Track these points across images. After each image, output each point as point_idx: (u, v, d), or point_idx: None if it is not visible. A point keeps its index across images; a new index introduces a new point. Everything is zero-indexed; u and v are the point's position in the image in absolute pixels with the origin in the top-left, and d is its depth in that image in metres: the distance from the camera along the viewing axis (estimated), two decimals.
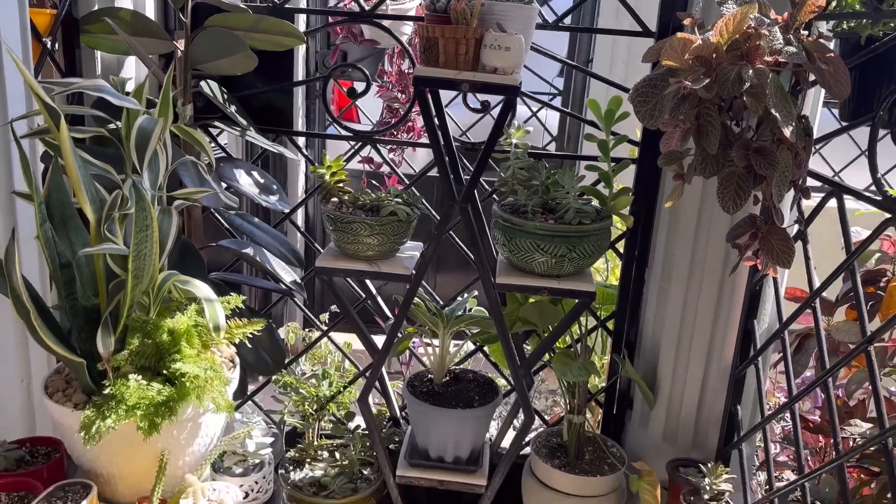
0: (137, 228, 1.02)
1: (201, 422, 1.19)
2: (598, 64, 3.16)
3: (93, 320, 1.12)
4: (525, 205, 1.76)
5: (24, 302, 1.00)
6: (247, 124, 1.78)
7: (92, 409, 1.05)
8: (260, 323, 1.22)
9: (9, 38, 1.20)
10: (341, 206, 1.79)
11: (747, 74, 1.23)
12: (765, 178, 1.35)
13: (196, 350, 1.12)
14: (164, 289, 1.11)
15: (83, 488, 1.16)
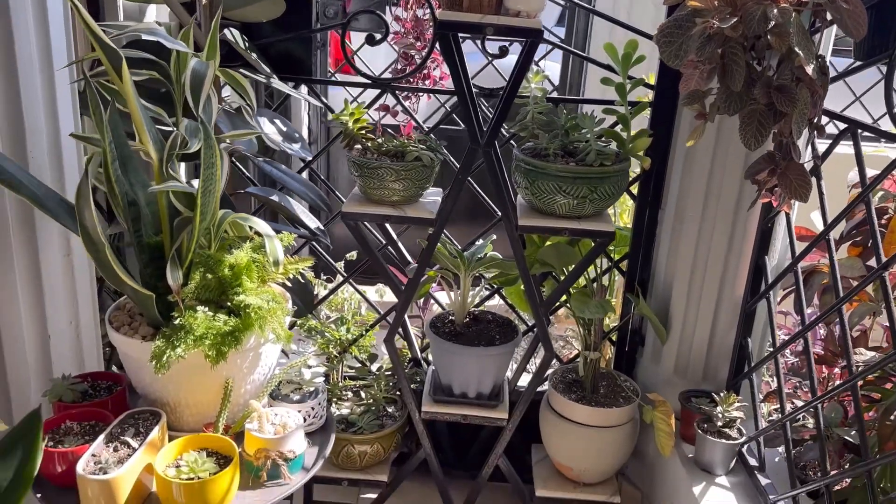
0: (205, 165, 1.06)
1: (262, 351, 1.25)
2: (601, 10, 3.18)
3: (156, 257, 1.17)
4: (546, 148, 1.80)
5: (96, 238, 1.04)
6: (270, 72, 1.80)
7: (162, 340, 1.11)
8: (309, 260, 1.28)
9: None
10: (366, 152, 1.83)
11: (772, 13, 1.28)
12: (785, 115, 1.40)
13: (256, 284, 1.17)
14: (223, 226, 1.16)
15: (152, 416, 1.22)
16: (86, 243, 1.05)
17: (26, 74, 1.20)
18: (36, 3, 1.19)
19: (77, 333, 1.46)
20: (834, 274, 1.49)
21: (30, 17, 1.19)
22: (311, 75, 2.05)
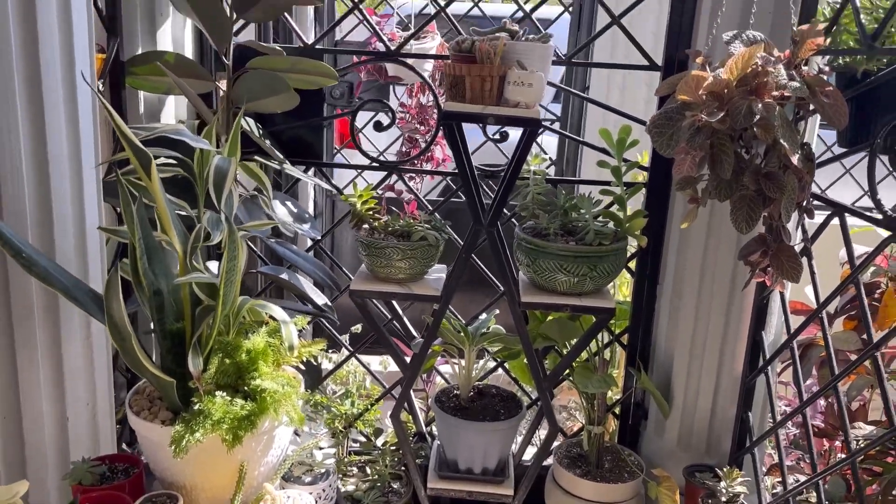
0: (228, 258, 1.12)
1: (276, 434, 1.29)
2: (595, 91, 3.32)
3: (177, 343, 1.22)
4: (547, 228, 1.88)
5: (123, 329, 1.10)
6: (283, 158, 1.89)
7: (181, 425, 1.15)
8: (321, 343, 1.33)
9: (81, 85, 1.31)
10: (373, 232, 1.90)
11: (757, 108, 1.37)
12: (774, 200, 1.48)
13: (271, 367, 1.22)
14: (242, 312, 1.21)
15: (169, 499, 1.25)
16: (112, 334, 1.10)
17: (57, 170, 1.28)
18: (69, 106, 1.28)
19: (93, 414, 1.50)
20: (828, 351, 1.54)
21: (62, 118, 1.27)
22: (320, 159, 2.14)
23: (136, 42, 1.83)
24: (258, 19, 1.79)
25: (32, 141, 1.26)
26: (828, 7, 1.65)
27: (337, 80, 1.83)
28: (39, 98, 1.26)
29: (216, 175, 1.20)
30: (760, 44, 1.45)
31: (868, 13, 1.49)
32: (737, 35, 1.52)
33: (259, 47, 1.82)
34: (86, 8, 1.31)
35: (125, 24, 1.80)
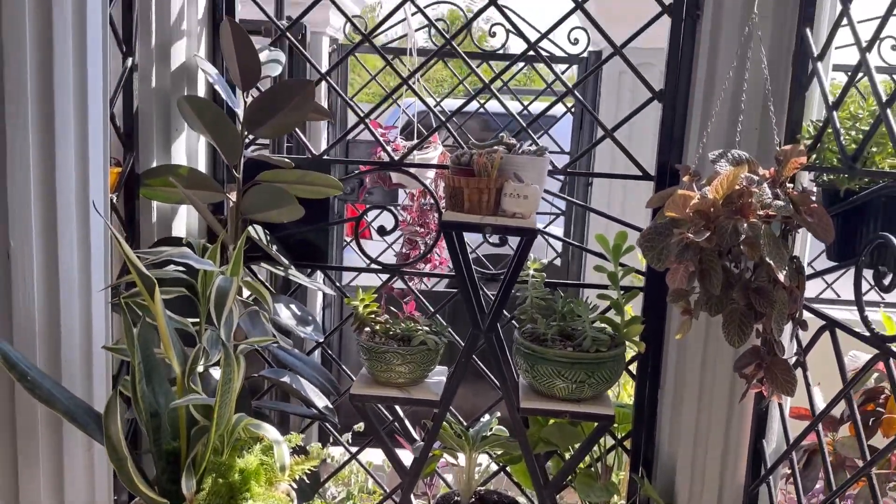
0: (223, 381, 1.16)
1: None
2: (598, 191, 3.41)
3: (172, 462, 1.24)
4: (545, 333, 1.90)
5: (120, 452, 1.12)
6: (288, 263, 1.95)
7: None
8: (314, 461, 1.34)
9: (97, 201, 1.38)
10: (374, 336, 1.93)
11: (742, 228, 1.41)
12: (764, 314, 1.50)
13: (263, 487, 1.23)
14: (237, 431, 1.24)
15: None
16: (110, 455, 1.13)
17: (66, 290, 1.34)
18: (81, 228, 1.35)
19: None
20: (825, 465, 1.52)
21: (74, 240, 1.34)
22: (326, 261, 2.20)
23: (152, 155, 1.93)
24: (269, 136, 1.89)
25: (44, 261, 1.32)
26: (811, 124, 1.72)
27: (341, 190, 1.91)
28: (53, 220, 1.33)
29: (217, 295, 1.25)
30: (745, 164, 1.50)
31: (847, 133, 1.55)
32: (722, 154, 1.58)
33: (269, 160, 1.92)
34: (102, 135, 1.39)
35: (142, 139, 1.90)
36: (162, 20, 1.89)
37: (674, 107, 1.93)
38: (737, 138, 1.70)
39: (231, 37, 1.75)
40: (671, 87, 1.93)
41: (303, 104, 1.79)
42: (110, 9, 1.71)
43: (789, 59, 1.75)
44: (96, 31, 1.36)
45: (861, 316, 1.42)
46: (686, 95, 1.92)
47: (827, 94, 1.60)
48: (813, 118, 1.76)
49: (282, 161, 1.91)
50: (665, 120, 1.96)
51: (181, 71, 1.94)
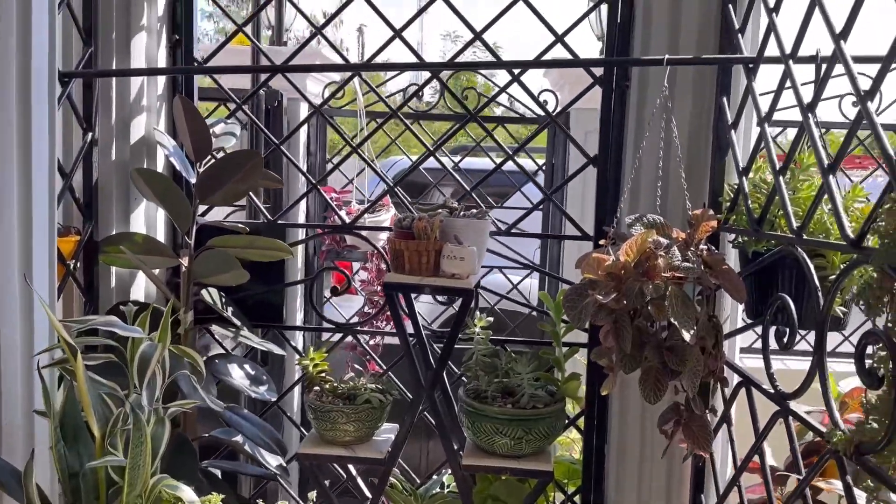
0: (134, 444, 1.22)
1: None
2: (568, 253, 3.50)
3: None
4: (485, 390, 1.96)
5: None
6: (240, 325, 2.03)
7: None
8: None
9: (39, 277, 1.47)
10: (322, 395, 1.99)
11: (648, 289, 1.48)
12: (680, 371, 1.56)
13: None
14: (156, 492, 1.30)
15: None
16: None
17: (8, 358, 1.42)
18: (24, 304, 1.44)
19: None
20: None
21: (17, 312, 1.43)
22: (282, 321, 2.27)
23: (111, 224, 2.03)
24: (220, 203, 1.99)
25: None
26: (731, 188, 1.80)
27: (291, 254, 2.00)
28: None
29: (140, 361, 1.33)
30: (653, 228, 1.58)
31: (756, 198, 1.63)
32: (638, 218, 1.66)
33: (222, 226, 2.01)
34: (47, 210, 1.49)
35: (101, 208, 2.01)
36: (122, 97, 2.01)
37: (606, 170, 2.02)
38: (657, 203, 1.78)
39: (183, 113, 1.87)
40: (604, 151, 2.02)
41: (252, 173, 1.89)
42: (68, 89, 1.84)
43: (710, 127, 1.84)
44: (42, 112, 1.47)
45: (767, 373, 1.47)
46: (618, 160, 2.01)
47: (738, 161, 1.69)
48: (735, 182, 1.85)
49: (235, 227, 2.01)
50: (600, 183, 2.05)
51: (141, 143, 2.06)
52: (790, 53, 1.41)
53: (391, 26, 2.08)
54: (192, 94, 2.11)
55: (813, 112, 1.31)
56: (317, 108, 2.15)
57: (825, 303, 1.24)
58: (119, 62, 2.00)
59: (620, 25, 1.97)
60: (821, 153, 1.25)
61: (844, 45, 1.22)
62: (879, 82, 1.13)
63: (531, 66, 1.95)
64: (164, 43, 2.09)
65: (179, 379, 1.59)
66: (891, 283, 1.09)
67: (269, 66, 2.07)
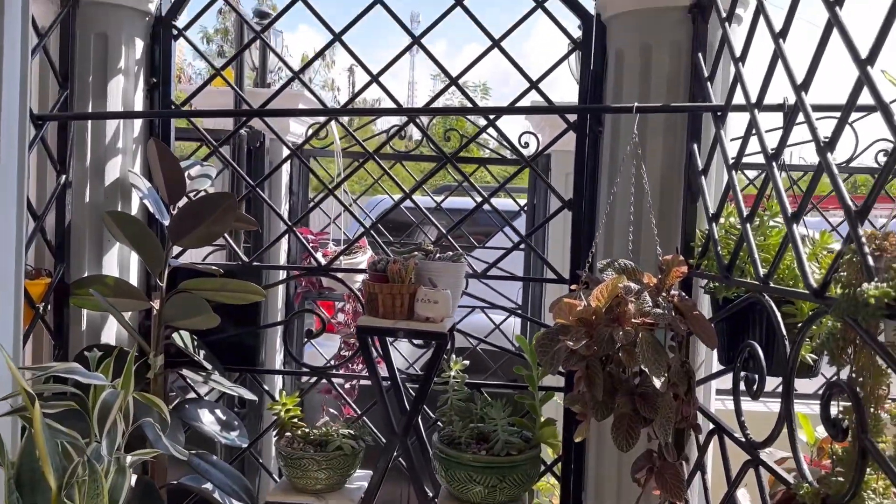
0: (90, 496, 1.19)
1: None
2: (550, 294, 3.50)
3: None
4: (460, 436, 1.93)
5: None
6: (211, 369, 2.00)
7: None
8: None
9: (2, 322, 1.45)
10: (293, 442, 1.96)
11: (618, 335, 1.47)
12: (652, 419, 1.54)
13: None
14: None
15: None
16: None
17: None
18: None
19: None
20: None
21: None
22: (256, 364, 2.25)
23: (84, 266, 2.02)
24: (193, 246, 1.97)
25: None
26: (699, 233, 1.81)
27: (264, 296, 1.98)
28: None
29: (101, 409, 1.30)
30: (623, 275, 1.58)
31: (726, 245, 1.63)
32: (609, 263, 1.66)
33: (194, 268, 2.00)
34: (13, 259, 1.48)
35: (73, 250, 1.99)
36: (97, 139, 2.01)
37: (581, 214, 2.03)
38: (629, 247, 1.79)
39: (157, 155, 1.87)
40: (578, 196, 2.03)
41: (224, 216, 1.88)
42: (42, 132, 1.84)
43: (681, 173, 1.86)
44: (11, 155, 1.46)
45: (739, 421, 1.46)
46: (592, 205, 2.02)
47: (708, 207, 1.70)
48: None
49: (208, 269, 2.00)
50: (575, 227, 2.05)
51: (115, 186, 2.06)
52: (755, 102, 1.43)
53: (368, 71, 2.10)
54: (168, 136, 2.12)
55: (777, 160, 1.32)
56: (293, 150, 2.16)
57: (791, 351, 1.24)
58: (95, 105, 2.00)
59: (593, 73, 2.01)
60: (785, 202, 1.26)
61: (805, 96, 1.24)
62: (838, 134, 1.14)
63: (505, 112, 1.97)
64: (142, 86, 2.10)
65: (144, 426, 1.56)
66: (854, 334, 1.09)
67: (245, 111, 2.08)
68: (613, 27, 1.96)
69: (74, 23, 1.97)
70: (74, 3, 1.96)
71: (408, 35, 2.08)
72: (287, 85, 2.23)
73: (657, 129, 1.86)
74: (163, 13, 2.11)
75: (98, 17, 2.00)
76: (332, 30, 2.06)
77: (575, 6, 2.01)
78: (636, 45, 1.89)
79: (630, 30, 1.91)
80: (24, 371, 1.27)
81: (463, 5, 2.05)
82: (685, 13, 1.82)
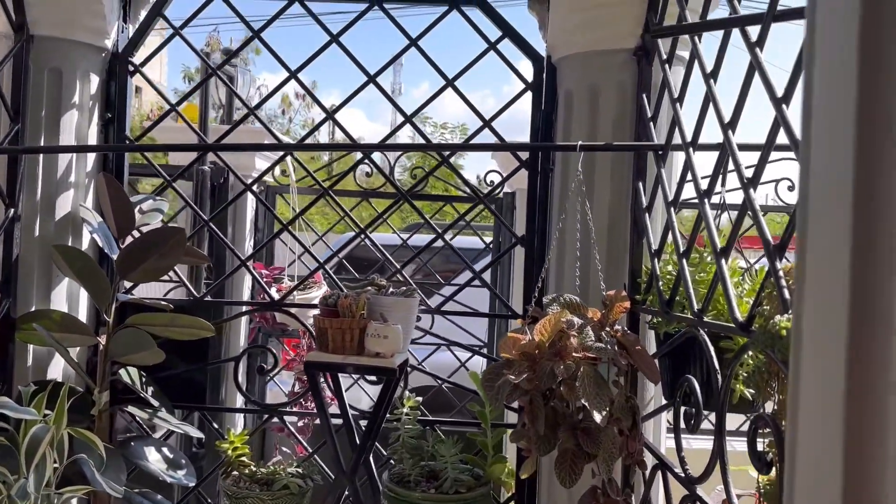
0: None
1: None
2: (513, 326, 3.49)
3: None
4: (409, 474, 1.91)
5: None
6: (158, 405, 1.97)
7: None
8: None
9: None
10: (239, 481, 1.92)
11: (559, 370, 1.48)
12: (595, 454, 1.54)
13: None
14: None
15: None
16: None
17: None
18: None
19: None
20: None
21: None
22: (205, 402, 2.22)
23: (31, 300, 1.99)
24: (141, 280, 1.96)
25: None
26: (645, 269, 1.83)
27: (213, 332, 1.96)
28: None
29: (29, 443, 1.27)
30: (566, 309, 1.59)
31: (667, 281, 1.66)
32: (555, 298, 1.67)
33: (143, 303, 1.98)
34: None
35: (21, 285, 1.97)
36: (49, 173, 2.00)
37: (533, 250, 2.05)
38: (577, 283, 1.80)
39: (106, 189, 1.87)
40: (531, 232, 2.05)
41: (173, 251, 1.88)
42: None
43: (628, 209, 1.89)
44: None
45: (679, 456, 1.46)
46: (543, 241, 2.04)
47: (651, 243, 1.72)
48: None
49: (157, 304, 1.98)
50: (527, 262, 2.07)
51: (66, 220, 2.04)
52: (690, 141, 1.47)
53: (323, 108, 2.13)
54: (121, 171, 2.12)
55: (709, 198, 1.35)
56: (247, 185, 2.16)
57: (722, 385, 1.25)
58: (48, 139, 2.00)
59: (544, 113, 2.05)
60: (714, 238, 1.28)
61: (732, 135, 1.28)
62: (760, 171, 1.18)
63: (458, 148, 2.00)
64: (97, 120, 2.11)
65: (80, 463, 1.53)
66: (776, 367, 1.11)
67: (199, 145, 2.09)
68: (563, 68, 2.01)
69: (28, 57, 1.97)
70: (28, 37, 1.98)
71: (364, 75, 2.11)
72: (242, 121, 2.25)
73: (605, 167, 1.90)
74: (119, 49, 2.13)
75: (53, 52, 2.01)
76: (287, 66, 2.09)
77: (526, 48, 2.06)
78: (584, 86, 1.93)
79: (578, 71, 1.96)
80: None
81: (418, 46, 2.09)
82: (630, 55, 1.87)
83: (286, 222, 2.14)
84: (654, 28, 1.75)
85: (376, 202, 4.12)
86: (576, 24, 1.96)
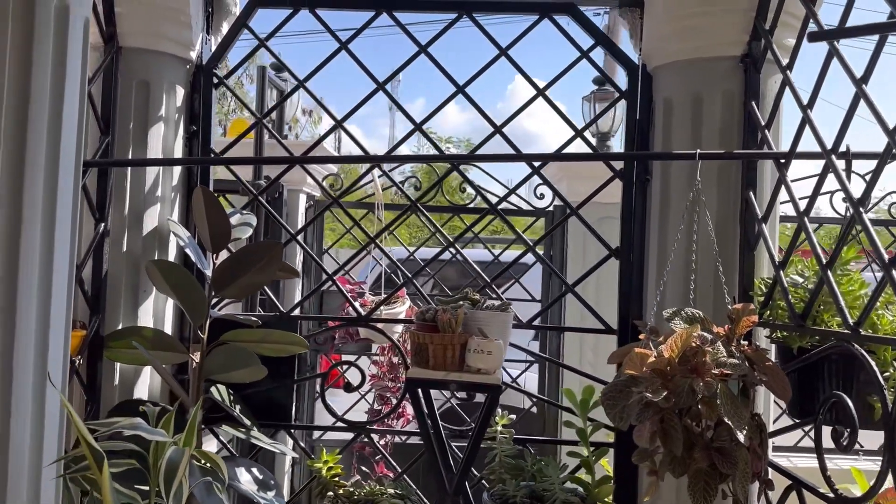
0: None
1: None
2: (568, 341, 3.44)
3: None
4: (514, 495, 1.85)
5: None
6: (250, 425, 1.91)
7: None
8: None
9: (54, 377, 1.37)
10: (336, 501, 1.86)
11: (698, 387, 1.42)
12: (729, 474, 1.48)
13: None
14: None
15: None
16: None
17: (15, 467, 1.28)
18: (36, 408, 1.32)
19: None
20: None
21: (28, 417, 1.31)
22: (290, 419, 2.16)
23: (119, 317, 1.94)
24: (236, 296, 1.91)
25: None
26: (762, 282, 1.77)
27: (307, 347, 1.91)
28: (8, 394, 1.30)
29: (168, 468, 1.22)
30: (696, 324, 1.54)
31: (795, 292, 1.60)
32: (676, 312, 1.62)
33: (234, 319, 1.93)
34: (65, 304, 1.40)
35: (109, 301, 1.92)
36: (136, 187, 1.96)
37: (630, 263, 2.00)
38: (690, 295, 1.75)
39: (203, 204, 1.82)
40: (626, 244, 2.00)
41: (269, 265, 1.83)
42: (85, 178, 1.79)
43: (736, 221, 1.84)
44: (66, 203, 1.40)
45: (824, 476, 1.40)
46: (641, 253, 1.99)
47: (773, 255, 1.67)
48: (764, 275, 1.83)
49: (248, 320, 1.93)
50: (623, 275, 2.02)
51: (153, 234, 2.00)
52: (831, 149, 1.42)
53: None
54: (207, 184, 2.08)
55: (865, 207, 1.30)
56: (335, 198, 2.12)
57: (894, 403, 1.20)
58: (136, 152, 1.96)
59: (639, 121, 2.01)
60: (880, 248, 1.23)
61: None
62: None
63: (552, 158, 1.94)
64: (182, 133, 2.07)
65: (198, 486, 1.47)
66: None
67: (287, 158, 2.04)
68: (660, 76, 1.97)
69: (117, 70, 1.94)
70: (118, 50, 1.94)
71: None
72: (329, 133, 2.21)
73: (711, 177, 1.85)
74: (203, 61, 2.09)
75: (140, 65, 1.98)
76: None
77: (619, 56, 2.02)
78: (686, 94, 1.89)
79: (678, 79, 1.92)
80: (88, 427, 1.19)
81: (508, 55, 2.05)
82: (737, 62, 1.83)
83: (373, 235, 2.09)
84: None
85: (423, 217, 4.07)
86: (674, 31, 1.92)
